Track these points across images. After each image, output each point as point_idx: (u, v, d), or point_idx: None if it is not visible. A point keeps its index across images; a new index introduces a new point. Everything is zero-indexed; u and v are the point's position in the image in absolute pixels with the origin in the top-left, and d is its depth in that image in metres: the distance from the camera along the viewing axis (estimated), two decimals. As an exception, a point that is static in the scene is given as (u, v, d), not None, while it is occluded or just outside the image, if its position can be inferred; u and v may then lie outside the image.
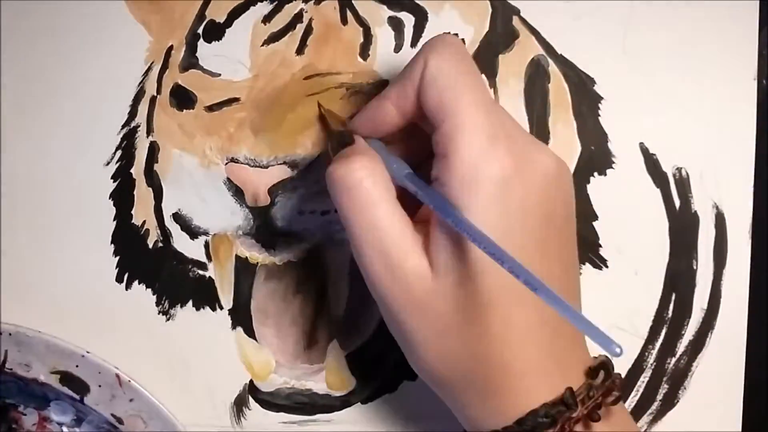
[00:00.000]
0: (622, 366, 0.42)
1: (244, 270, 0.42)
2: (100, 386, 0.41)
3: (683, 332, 0.42)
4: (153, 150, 0.42)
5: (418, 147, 0.37)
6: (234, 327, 0.42)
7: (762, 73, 0.41)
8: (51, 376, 0.41)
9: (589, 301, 0.40)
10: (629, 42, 0.41)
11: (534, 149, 0.33)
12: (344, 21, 0.41)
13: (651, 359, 0.42)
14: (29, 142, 0.42)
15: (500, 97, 0.41)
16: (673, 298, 0.42)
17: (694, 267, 0.41)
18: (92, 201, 0.42)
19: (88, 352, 0.41)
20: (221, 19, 0.41)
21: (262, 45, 0.41)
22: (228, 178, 0.42)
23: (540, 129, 0.41)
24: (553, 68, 0.41)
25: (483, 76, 0.41)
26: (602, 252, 0.42)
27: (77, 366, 0.41)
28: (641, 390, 0.42)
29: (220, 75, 0.42)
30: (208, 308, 0.42)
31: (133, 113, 0.42)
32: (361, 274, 0.36)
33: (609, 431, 0.32)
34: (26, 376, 0.41)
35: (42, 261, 0.42)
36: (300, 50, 0.41)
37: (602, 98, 0.41)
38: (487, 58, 0.41)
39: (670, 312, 0.42)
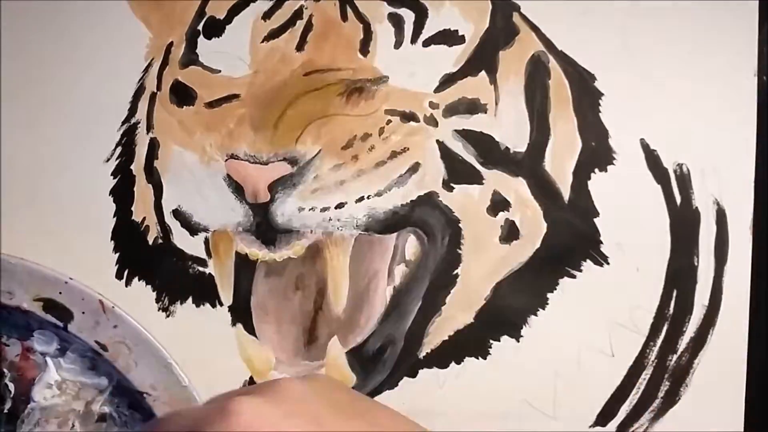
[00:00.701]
0: (623, 363, 0.42)
1: (244, 266, 0.42)
2: (83, 313, 0.40)
3: (684, 329, 0.42)
4: (153, 146, 0.42)
5: None
6: (234, 324, 0.42)
7: (762, 69, 0.41)
8: (34, 304, 0.41)
9: (590, 297, 0.40)
10: (630, 38, 0.41)
11: None
12: (344, 17, 0.41)
13: (652, 356, 0.42)
14: (29, 138, 0.42)
15: (500, 93, 0.41)
16: (675, 294, 0.42)
17: (695, 263, 0.41)
18: (92, 197, 0.42)
19: (71, 279, 0.40)
20: (221, 15, 0.42)
21: (262, 41, 0.41)
22: (228, 175, 0.42)
23: (540, 125, 0.41)
24: (553, 64, 0.41)
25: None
26: (603, 248, 0.42)
27: (60, 293, 0.40)
28: (642, 387, 0.42)
29: (220, 71, 0.42)
30: (208, 305, 0.42)
31: (133, 110, 0.42)
32: (362, 271, 0.36)
33: None
34: (9, 304, 0.41)
35: (43, 257, 0.42)
36: (300, 47, 0.41)
37: (603, 94, 0.41)
38: (487, 55, 0.41)
39: (671, 309, 0.42)
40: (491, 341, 0.41)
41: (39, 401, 0.42)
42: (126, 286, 0.42)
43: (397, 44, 0.41)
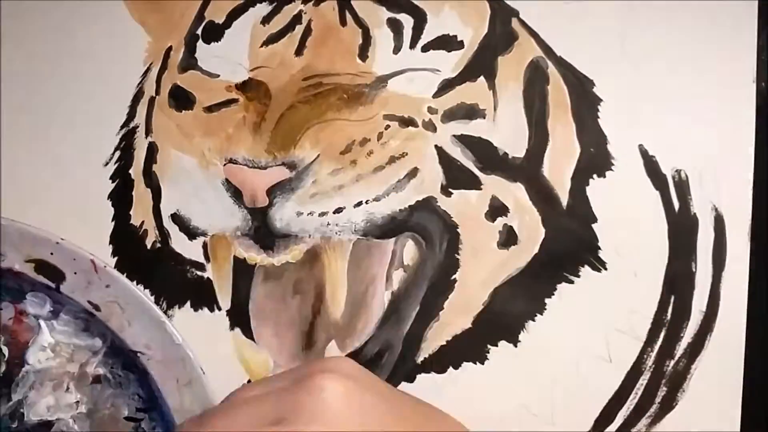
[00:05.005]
0: (621, 368, 0.42)
1: (243, 271, 0.42)
2: (75, 273, 0.40)
3: (682, 335, 0.42)
4: (152, 150, 0.42)
5: None
6: (232, 327, 0.43)
7: (761, 75, 0.41)
8: (26, 265, 0.40)
9: (588, 303, 0.40)
10: (628, 44, 0.41)
11: None
12: (343, 22, 0.41)
13: (650, 362, 0.42)
14: (28, 142, 0.42)
15: (499, 98, 0.41)
16: (672, 300, 0.42)
17: (693, 269, 0.41)
18: (91, 201, 0.42)
19: (62, 239, 0.40)
20: (220, 20, 0.42)
21: (261, 46, 0.41)
22: (226, 179, 0.42)
23: (539, 131, 0.41)
24: (552, 70, 0.41)
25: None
26: (601, 254, 0.42)
27: (52, 253, 0.40)
28: (640, 392, 0.42)
29: (219, 76, 0.42)
30: (206, 309, 0.42)
31: (132, 114, 0.42)
32: (360, 276, 0.36)
33: None
34: (1, 267, 0.40)
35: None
36: (299, 51, 0.41)
37: (601, 100, 0.41)
38: (486, 60, 0.41)
39: (668, 314, 0.42)
40: (489, 347, 0.41)
41: (33, 364, 0.42)
42: (124, 289, 0.42)
43: (396, 49, 0.41)
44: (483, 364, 0.41)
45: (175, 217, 0.42)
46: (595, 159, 0.41)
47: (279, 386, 0.31)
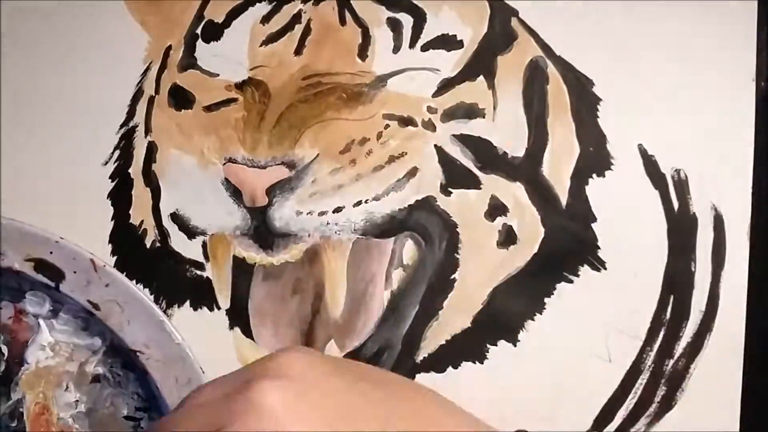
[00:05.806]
0: (620, 368, 0.42)
1: (242, 270, 0.42)
2: (75, 272, 0.41)
3: (681, 334, 0.42)
4: (151, 150, 0.42)
5: None
6: (231, 327, 0.43)
7: (761, 74, 0.41)
8: (25, 264, 0.41)
9: (588, 302, 0.40)
10: (628, 44, 0.41)
11: None
12: (343, 22, 0.41)
13: (649, 361, 0.42)
14: (28, 141, 0.42)
15: (499, 98, 0.41)
16: (672, 299, 0.42)
17: (693, 269, 0.41)
18: (90, 200, 0.42)
19: (62, 238, 0.40)
20: (220, 19, 0.42)
21: (261, 45, 0.41)
22: (226, 178, 0.42)
23: (539, 130, 0.41)
24: (551, 69, 0.41)
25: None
26: (600, 254, 0.42)
27: (51, 252, 0.40)
28: (639, 392, 0.42)
29: (218, 75, 0.42)
30: (205, 308, 0.43)
31: (131, 113, 0.42)
32: (359, 275, 0.36)
33: None
34: (0, 266, 0.41)
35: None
36: (298, 51, 0.41)
37: (601, 99, 0.41)
38: (485, 59, 0.41)
39: (668, 314, 0.42)
40: (488, 346, 0.41)
41: (32, 363, 0.42)
42: (124, 289, 0.42)
43: (396, 49, 0.41)
44: (482, 363, 0.41)
45: (175, 217, 0.42)
46: (594, 158, 0.41)
47: (224, 392, 0.30)
